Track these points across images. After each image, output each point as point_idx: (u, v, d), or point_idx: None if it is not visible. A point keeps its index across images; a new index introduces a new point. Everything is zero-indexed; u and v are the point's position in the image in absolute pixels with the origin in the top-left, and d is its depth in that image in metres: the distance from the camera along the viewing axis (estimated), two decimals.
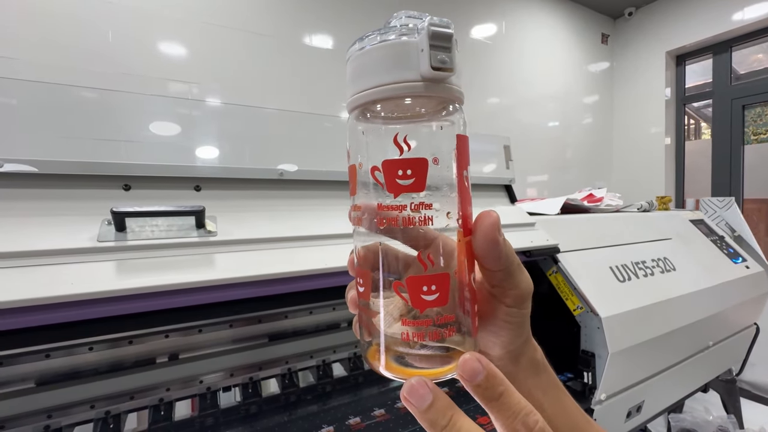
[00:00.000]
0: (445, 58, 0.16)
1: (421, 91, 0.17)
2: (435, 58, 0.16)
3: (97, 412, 0.59)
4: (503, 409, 0.17)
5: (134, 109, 0.53)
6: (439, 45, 0.16)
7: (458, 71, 0.18)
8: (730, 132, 2.67)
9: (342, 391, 0.77)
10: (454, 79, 0.18)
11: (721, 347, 1.03)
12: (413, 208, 0.17)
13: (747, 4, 2.47)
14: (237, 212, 0.56)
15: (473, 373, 0.17)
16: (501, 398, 0.17)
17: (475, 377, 0.17)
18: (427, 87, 0.17)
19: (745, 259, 1.17)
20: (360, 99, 0.18)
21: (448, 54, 0.17)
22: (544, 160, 2.75)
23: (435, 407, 0.17)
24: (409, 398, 0.17)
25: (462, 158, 0.18)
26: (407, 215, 0.17)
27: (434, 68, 0.16)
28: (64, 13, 1.35)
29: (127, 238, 0.44)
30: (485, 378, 0.17)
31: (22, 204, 0.44)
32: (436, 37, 0.16)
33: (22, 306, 0.35)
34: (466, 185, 0.18)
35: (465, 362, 0.17)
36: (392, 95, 0.17)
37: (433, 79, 0.17)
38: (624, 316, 0.74)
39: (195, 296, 0.42)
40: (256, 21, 1.71)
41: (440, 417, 0.17)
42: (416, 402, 0.17)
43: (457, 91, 0.18)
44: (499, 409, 0.17)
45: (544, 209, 1.04)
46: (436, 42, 0.16)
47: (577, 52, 2.93)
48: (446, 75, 0.17)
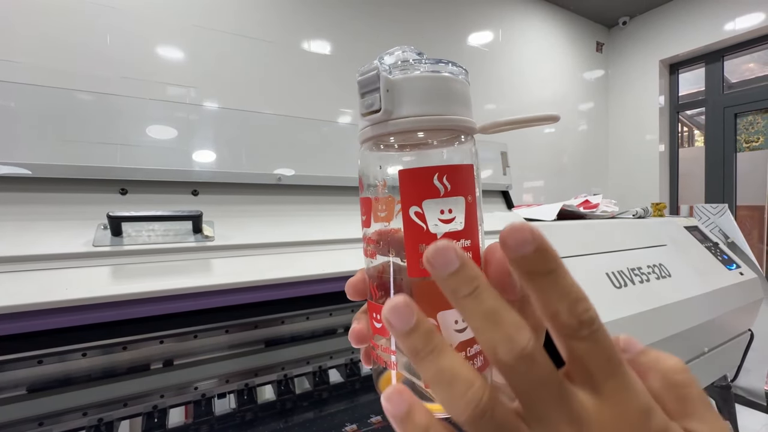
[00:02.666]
0: (371, 101, 0.17)
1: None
2: (363, 104, 0.17)
3: (90, 419, 0.58)
4: (549, 287, 0.14)
5: (132, 113, 0.53)
6: (365, 91, 0.17)
7: (458, 100, 0.18)
8: (722, 140, 2.71)
9: (338, 398, 0.76)
10: (454, 108, 0.17)
11: (716, 353, 1.03)
12: None
13: (738, 15, 2.52)
14: (234, 217, 0.55)
15: (522, 242, 0.14)
16: (550, 276, 0.14)
17: (523, 247, 0.14)
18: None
19: (739, 266, 1.18)
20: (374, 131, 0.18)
21: (373, 96, 0.17)
22: (540, 165, 2.77)
23: (460, 274, 0.14)
24: (432, 260, 0.15)
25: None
26: None
27: (363, 114, 0.17)
28: (63, 16, 1.35)
29: (124, 243, 0.43)
30: (535, 249, 0.14)
31: (17, 208, 0.43)
32: (360, 85, 0.17)
33: (16, 312, 0.35)
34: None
35: (513, 229, 0.14)
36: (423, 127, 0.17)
37: (370, 122, 0.17)
38: (620, 323, 0.74)
39: (192, 302, 0.42)
40: (254, 26, 1.72)
41: (464, 284, 0.14)
42: (441, 264, 0.14)
43: (441, 120, 0.17)
44: (544, 287, 0.14)
45: (540, 215, 1.04)
46: (362, 89, 0.17)
47: (572, 60, 2.97)
48: (378, 117, 0.17)
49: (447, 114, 0.17)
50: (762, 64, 2.63)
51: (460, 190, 0.17)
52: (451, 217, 0.17)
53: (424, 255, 0.15)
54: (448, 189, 0.17)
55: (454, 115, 0.17)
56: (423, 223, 0.17)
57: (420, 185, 0.16)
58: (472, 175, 0.18)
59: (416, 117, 0.17)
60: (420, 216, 0.16)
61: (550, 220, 1.01)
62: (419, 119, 0.17)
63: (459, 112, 0.18)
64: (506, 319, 0.14)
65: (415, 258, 0.17)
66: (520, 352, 0.14)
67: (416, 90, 0.17)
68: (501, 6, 2.58)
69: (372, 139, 0.18)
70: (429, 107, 0.17)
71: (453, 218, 0.17)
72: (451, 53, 2.34)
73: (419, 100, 0.17)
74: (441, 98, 0.17)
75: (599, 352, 0.14)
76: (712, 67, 2.77)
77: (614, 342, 0.15)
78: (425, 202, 0.16)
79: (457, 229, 0.17)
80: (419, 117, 0.17)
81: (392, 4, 2.09)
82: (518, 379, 0.14)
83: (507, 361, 0.14)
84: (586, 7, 2.91)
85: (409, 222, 0.17)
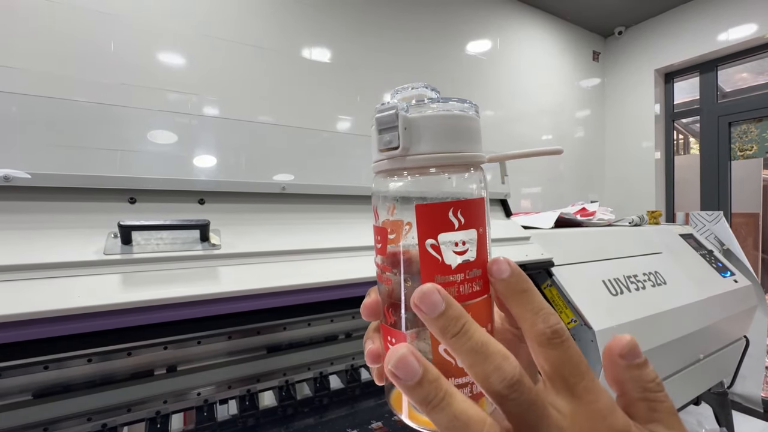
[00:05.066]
0: (389, 138, 0.18)
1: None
2: (381, 141, 0.18)
3: (94, 424, 0.58)
4: (525, 303, 0.17)
5: (141, 123, 0.54)
6: (383, 128, 0.18)
7: (470, 137, 0.19)
8: (717, 148, 2.75)
9: (339, 404, 0.77)
10: (466, 145, 0.19)
11: (711, 360, 1.04)
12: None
13: (731, 26, 2.57)
14: (240, 225, 0.57)
15: (501, 270, 0.18)
16: (524, 294, 0.17)
17: (502, 273, 0.18)
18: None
19: (734, 273, 1.19)
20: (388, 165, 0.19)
21: (393, 133, 0.18)
22: (538, 172, 2.79)
23: (447, 315, 0.16)
24: (420, 305, 0.16)
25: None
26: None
27: (381, 150, 0.19)
28: (67, 24, 1.36)
29: (133, 251, 0.44)
30: (511, 274, 0.18)
31: (30, 217, 0.44)
32: (379, 123, 0.19)
33: (31, 318, 0.36)
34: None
35: (494, 261, 0.18)
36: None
37: (387, 157, 0.19)
38: (617, 330, 0.76)
39: (200, 309, 0.43)
40: (260, 34, 1.74)
41: (452, 324, 0.16)
42: (428, 309, 0.16)
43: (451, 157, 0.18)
44: (521, 302, 0.17)
45: (538, 223, 1.06)
46: (380, 126, 0.18)
47: (569, 69, 3.01)
48: (395, 153, 0.18)
49: (459, 151, 0.18)
50: (755, 73, 2.68)
51: (473, 224, 0.18)
52: (464, 249, 0.18)
53: (412, 299, 0.16)
54: (462, 223, 0.18)
55: (465, 152, 0.19)
56: (438, 255, 0.18)
57: (436, 219, 0.18)
58: (483, 208, 0.19)
59: (431, 155, 0.18)
60: (435, 248, 0.17)
61: (547, 227, 1.03)
62: (434, 156, 0.18)
63: (470, 149, 0.19)
64: (494, 352, 0.16)
65: None
66: (510, 380, 0.15)
67: (431, 128, 0.18)
68: (499, 15, 2.62)
69: (388, 171, 0.19)
70: (443, 145, 0.18)
71: (466, 250, 0.18)
72: (449, 61, 2.38)
73: (434, 138, 0.18)
74: (454, 136, 0.18)
75: (569, 358, 0.17)
76: (706, 77, 2.82)
77: (615, 343, 0.18)
78: (441, 235, 0.18)
79: (469, 260, 0.18)
80: (434, 155, 0.18)
81: (392, 13, 2.12)
82: (510, 404, 0.15)
83: (500, 390, 0.15)
84: (582, 17, 2.96)
85: (426, 254, 0.18)
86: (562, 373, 0.16)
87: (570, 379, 0.16)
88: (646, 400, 0.17)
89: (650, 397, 0.17)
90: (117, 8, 1.43)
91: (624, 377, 0.18)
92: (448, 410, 0.15)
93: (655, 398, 0.17)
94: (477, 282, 0.18)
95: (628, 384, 0.18)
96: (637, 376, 0.18)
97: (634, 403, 0.18)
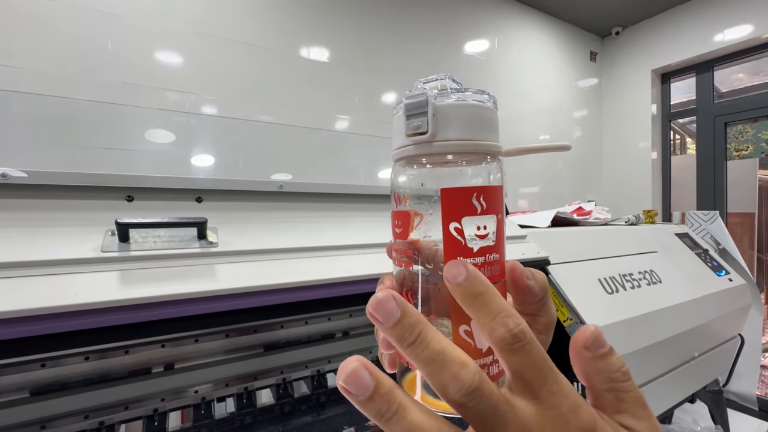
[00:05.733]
0: (418, 123, 0.19)
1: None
2: (409, 126, 0.19)
3: (91, 422, 0.59)
4: (482, 306, 0.16)
5: (139, 121, 0.55)
6: (412, 114, 0.19)
7: (491, 127, 0.19)
8: (713, 148, 2.76)
9: (336, 402, 0.77)
10: (489, 135, 0.19)
11: (706, 358, 1.05)
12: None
13: (727, 27, 2.58)
14: (237, 223, 0.57)
15: (455, 275, 0.16)
16: (480, 297, 0.16)
17: (457, 278, 0.16)
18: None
19: (729, 272, 1.20)
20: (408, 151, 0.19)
21: (422, 119, 0.19)
22: (535, 172, 2.80)
23: (402, 323, 0.16)
24: (374, 313, 0.16)
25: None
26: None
27: (409, 135, 0.19)
28: (65, 23, 1.36)
29: (131, 249, 0.45)
30: (466, 278, 0.16)
31: (28, 214, 0.45)
32: (408, 108, 0.19)
33: (28, 315, 0.36)
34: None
35: (447, 267, 0.17)
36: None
37: (413, 142, 0.19)
38: (612, 328, 0.76)
39: (197, 306, 0.43)
40: (258, 34, 1.74)
41: (407, 333, 0.16)
42: (383, 317, 0.16)
43: (473, 145, 0.19)
44: (478, 307, 0.16)
45: (535, 222, 1.07)
46: (409, 112, 0.19)
47: (566, 69, 3.02)
48: (423, 138, 0.19)
49: (482, 140, 0.19)
50: (751, 74, 2.70)
51: (494, 209, 0.19)
52: (485, 233, 0.18)
53: (367, 307, 0.17)
54: (484, 207, 0.18)
55: (487, 141, 0.19)
56: (461, 237, 0.18)
57: (461, 203, 0.18)
58: (502, 195, 0.19)
59: (458, 141, 0.19)
60: (459, 231, 0.18)
61: (544, 226, 1.03)
62: (460, 143, 0.19)
63: (491, 138, 0.20)
64: (451, 359, 0.16)
65: None
66: (468, 389, 0.15)
67: (459, 116, 0.19)
68: (497, 15, 2.63)
69: (414, 157, 0.19)
70: (468, 132, 0.19)
71: (487, 234, 0.18)
72: (448, 61, 2.38)
73: (461, 125, 0.19)
74: (478, 124, 0.19)
75: (532, 362, 0.16)
76: (702, 77, 2.84)
77: (579, 335, 0.18)
78: (464, 219, 0.18)
79: (489, 244, 0.18)
80: (460, 141, 0.19)
81: (389, 13, 2.12)
82: (470, 412, 0.15)
83: (458, 399, 0.15)
84: (580, 17, 2.97)
85: (449, 237, 0.18)
86: (524, 377, 0.16)
87: (533, 383, 0.16)
88: (613, 390, 0.17)
89: (616, 387, 0.17)
90: (115, 7, 1.43)
91: (590, 369, 0.18)
92: (401, 423, 0.15)
93: (622, 388, 0.17)
94: (495, 266, 0.19)
95: (594, 376, 0.18)
96: (602, 367, 0.17)
97: (601, 394, 0.18)
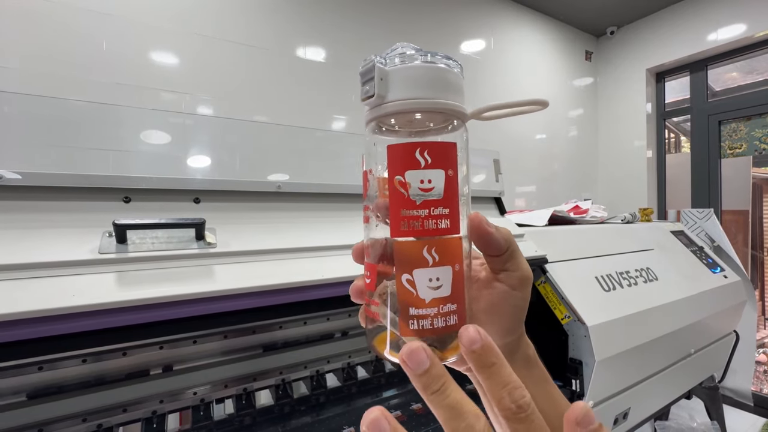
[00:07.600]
0: (367, 88, 0.20)
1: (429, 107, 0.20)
2: (362, 92, 0.20)
3: (89, 425, 0.58)
4: (493, 376, 0.18)
5: (135, 122, 0.54)
6: (364, 80, 0.20)
7: (447, 88, 0.20)
8: (707, 146, 2.78)
9: (335, 402, 0.77)
10: (441, 94, 0.20)
11: (702, 354, 1.06)
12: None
13: (720, 26, 2.60)
14: (235, 224, 0.57)
15: (471, 341, 0.18)
16: (493, 367, 0.18)
17: (473, 345, 0.18)
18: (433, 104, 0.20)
19: (723, 269, 1.21)
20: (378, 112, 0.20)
21: (370, 84, 0.19)
22: (531, 171, 2.81)
23: (430, 373, 0.18)
24: (407, 361, 0.18)
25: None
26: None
27: (362, 100, 0.20)
28: (59, 23, 1.35)
29: (128, 250, 0.44)
30: (481, 347, 0.18)
31: (24, 216, 0.44)
32: (361, 76, 0.20)
33: (24, 318, 0.36)
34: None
35: (466, 330, 0.19)
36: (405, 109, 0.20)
37: (367, 105, 0.20)
38: (610, 325, 0.77)
39: (195, 307, 0.43)
40: (254, 34, 1.74)
41: (433, 382, 0.18)
42: (413, 366, 0.18)
43: (442, 104, 0.20)
44: (489, 376, 0.18)
45: (532, 221, 1.07)
46: (362, 79, 0.20)
47: (562, 68, 3.03)
48: (372, 101, 0.20)
49: (436, 98, 0.19)
50: (744, 73, 2.72)
51: (440, 164, 0.19)
52: (430, 186, 0.19)
53: (400, 354, 0.18)
54: (429, 162, 0.19)
55: (442, 100, 0.19)
56: (405, 191, 0.19)
57: (403, 158, 0.19)
58: (454, 152, 0.20)
59: (404, 101, 0.19)
60: (402, 185, 0.19)
61: (541, 225, 1.04)
62: (408, 101, 0.19)
63: (448, 98, 0.20)
64: (467, 411, 0.18)
65: (397, 221, 0.19)
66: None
67: (407, 78, 0.19)
68: (493, 15, 2.63)
69: (371, 121, 0.20)
70: (418, 92, 0.19)
71: (432, 188, 0.19)
72: None
73: (409, 86, 0.19)
74: (430, 84, 0.19)
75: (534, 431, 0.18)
76: (696, 76, 2.86)
77: (572, 411, 0.19)
78: (407, 172, 0.19)
79: (435, 198, 0.19)
80: (407, 100, 0.19)
81: (385, 13, 2.12)
82: None
83: None
84: (575, 17, 2.98)
85: (393, 189, 0.19)
86: None
87: None
88: None
89: None
90: (109, 7, 1.42)
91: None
92: (445, 398, 0.18)
93: None
94: (443, 220, 0.19)
95: None
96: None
97: None
